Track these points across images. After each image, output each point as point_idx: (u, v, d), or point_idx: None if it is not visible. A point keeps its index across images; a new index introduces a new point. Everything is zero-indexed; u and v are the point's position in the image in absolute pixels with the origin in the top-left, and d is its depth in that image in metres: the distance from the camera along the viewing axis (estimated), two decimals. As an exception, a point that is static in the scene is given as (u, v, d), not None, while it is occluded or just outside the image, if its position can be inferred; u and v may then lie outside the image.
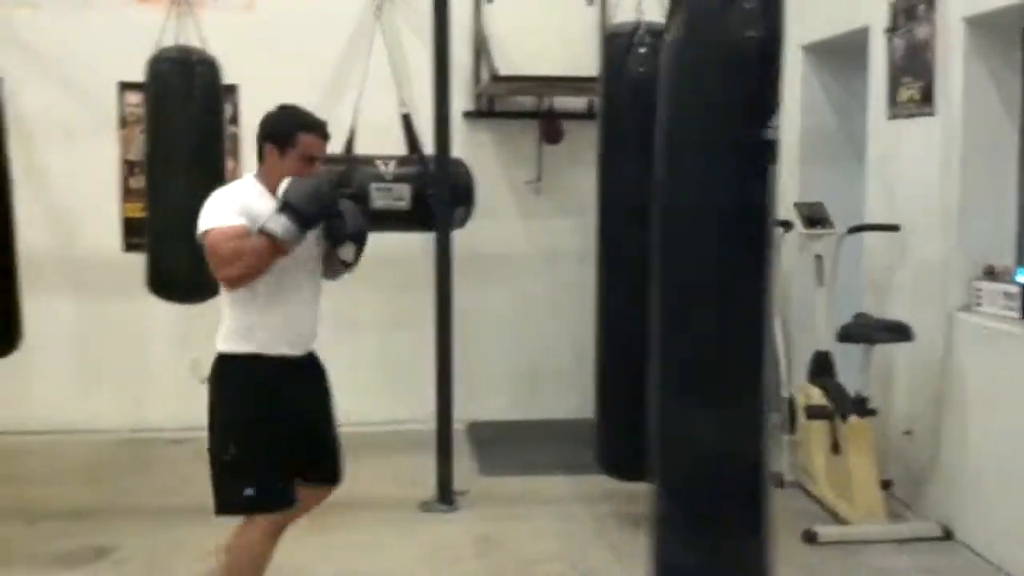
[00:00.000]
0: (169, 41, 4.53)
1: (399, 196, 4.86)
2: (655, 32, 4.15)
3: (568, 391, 5.69)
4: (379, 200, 4.82)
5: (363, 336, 5.82)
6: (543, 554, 3.99)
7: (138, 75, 4.55)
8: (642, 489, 4.48)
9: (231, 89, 5.27)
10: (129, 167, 5.59)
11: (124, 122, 5.60)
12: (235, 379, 3.08)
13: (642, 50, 4.12)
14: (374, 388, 5.77)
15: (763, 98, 2.57)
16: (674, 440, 2.75)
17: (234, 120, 5.57)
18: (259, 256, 2.87)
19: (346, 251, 3.13)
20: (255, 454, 3.02)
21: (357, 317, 5.78)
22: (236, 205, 2.96)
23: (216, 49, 4.55)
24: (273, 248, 2.86)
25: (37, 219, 5.46)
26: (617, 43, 4.24)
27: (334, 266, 3.20)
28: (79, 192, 5.61)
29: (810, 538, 4.14)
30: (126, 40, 4.92)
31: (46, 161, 5.57)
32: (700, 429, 2.67)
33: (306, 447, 3.16)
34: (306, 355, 3.17)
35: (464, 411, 5.13)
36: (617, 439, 4.10)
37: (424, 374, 4.64)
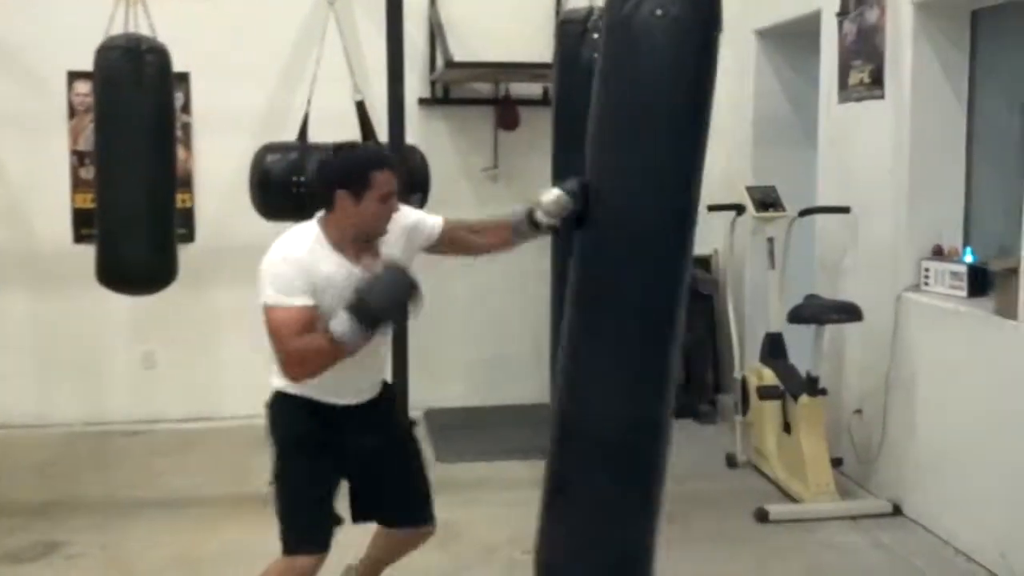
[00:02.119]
0: (118, 29, 4.46)
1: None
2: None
3: (525, 377, 5.71)
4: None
5: (320, 325, 5.79)
6: (502, 539, 4.01)
7: (87, 64, 4.48)
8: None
9: (183, 77, 5.22)
10: (79, 157, 5.52)
11: (73, 112, 5.53)
12: (285, 419, 2.97)
13: (596, 35, 4.13)
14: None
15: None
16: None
17: (186, 109, 5.52)
18: (325, 359, 2.68)
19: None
20: (298, 492, 2.94)
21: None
22: (303, 275, 2.71)
23: (166, 36, 4.49)
24: (340, 351, 2.65)
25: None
26: (571, 29, 4.24)
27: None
28: (29, 183, 5.54)
29: (762, 516, 4.20)
30: (75, 29, 4.84)
31: (-4, 152, 5.50)
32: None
33: (366, 489, 3.06)
34: (369, 401, 3.00)
35: (421, 398, 5.14)
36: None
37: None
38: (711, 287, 5.89)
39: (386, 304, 2.66)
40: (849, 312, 4.36)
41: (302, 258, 2.75)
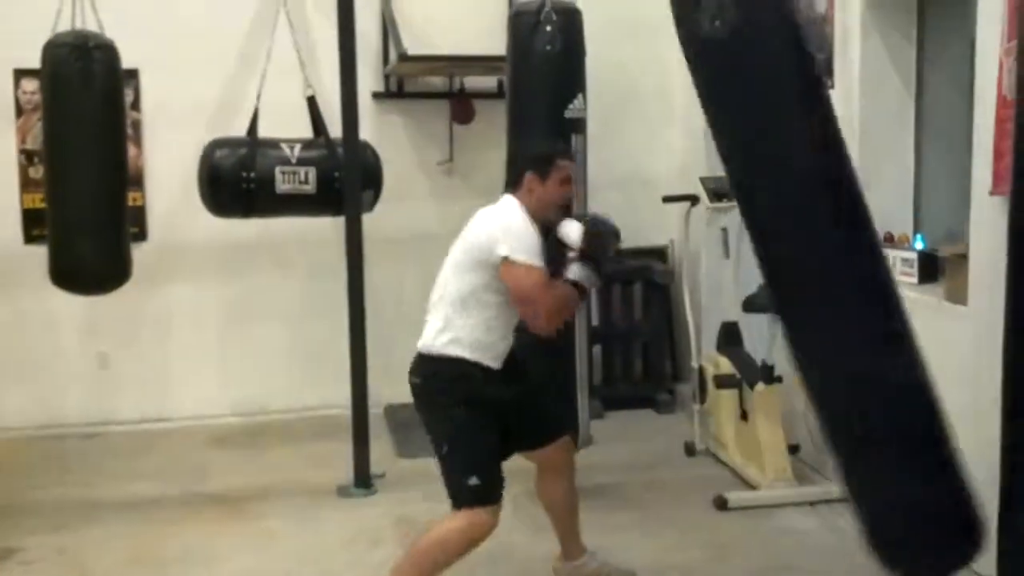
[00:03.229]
0: (65, 26, 4.39)
1: (304, 179, 4.82)
2: (561, 10, 4.19)
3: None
4: (284, 184, 4.78)
5: (277, 322, 5.75)
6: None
7: (34, 61, 4.41)
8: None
9: (132, 73, 5.15)
10: (28, 157, 5.42)
11: (21, 110, 5.43)
12: (454, 379, 3.16)
13: (548, 28, 4.15)
14: (289, 375, 5.73)
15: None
16: None
17: (135, 105, 5.44)
18: (572, 306, 3.20)
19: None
20: (474, 448, 3.13)
21: (270, 303, 5.71)
22: (535, 240, 3.11)
23: (115, 32, 4.43)
24: (580, 297, 3.16)
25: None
26: (524, 21, 4.25)
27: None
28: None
29: (721, 504, 4.24)
30: (20, 25, 4.76)
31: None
32: None
33: (520, 424, 3.28)
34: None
35: (381, 394, 5.12)
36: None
37: (339, 359, 4.62)
38: (667, 277, 5.93)
39: (606, 250, 3.19)
40: (803, 300, 4.40)
41: (529, 224, 3.15)
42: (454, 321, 3.15)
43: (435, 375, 3.18)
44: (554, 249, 3.20)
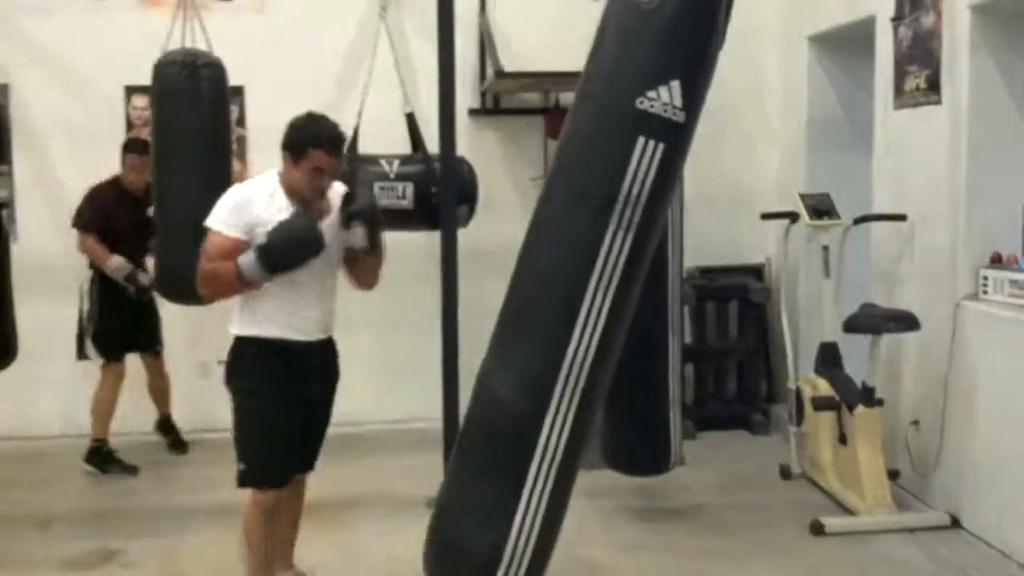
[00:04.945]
0: (175, 44, 4.54)
1: (402, 195, 4.88)
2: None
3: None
4: (383, 199, 4.85)
5: (370, 334, 5.82)
6: (552, 548, 4.00)
7: (145, 79, 4.57)
8: (648, 483, 4.54)
9: (237, 91, 5.29)
10: (137, 170, 5.60)
11: (131, 126, 5.63)
12: (241, 361, 3.27)
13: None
14: (380, 386, 5.79)
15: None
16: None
17: (240, 122, 5.59)
18: (228, 286, 3.15)
19: (355, 235, 3.24)
20: (252, 431, 3.25)
21: (363, 315, 5.75)
22: (237, 207, 3.18)
23: (221, 51, 4.56)
24: (242, 282, 3.11)
25: (47, 224, 5.51)
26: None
27: (352, 259, 3.35)
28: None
29: (818, 529, 4.14)
30: (132, 43, 4.95)
31: (54, 165, 5.61)
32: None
33: (301, 433, 3.34)
34: (319, 343, 3.32)
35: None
36: (622, 433, 4.13)
37: (430, 371, 4.65)
38: (764, 296, 5.83)
39: (286, 251, 3.08)
40: (906, 321, 4.29)
41: (247, 196, 3.21)
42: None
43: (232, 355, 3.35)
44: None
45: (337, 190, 3.35)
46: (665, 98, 2.50)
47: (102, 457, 5.08)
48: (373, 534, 4.23)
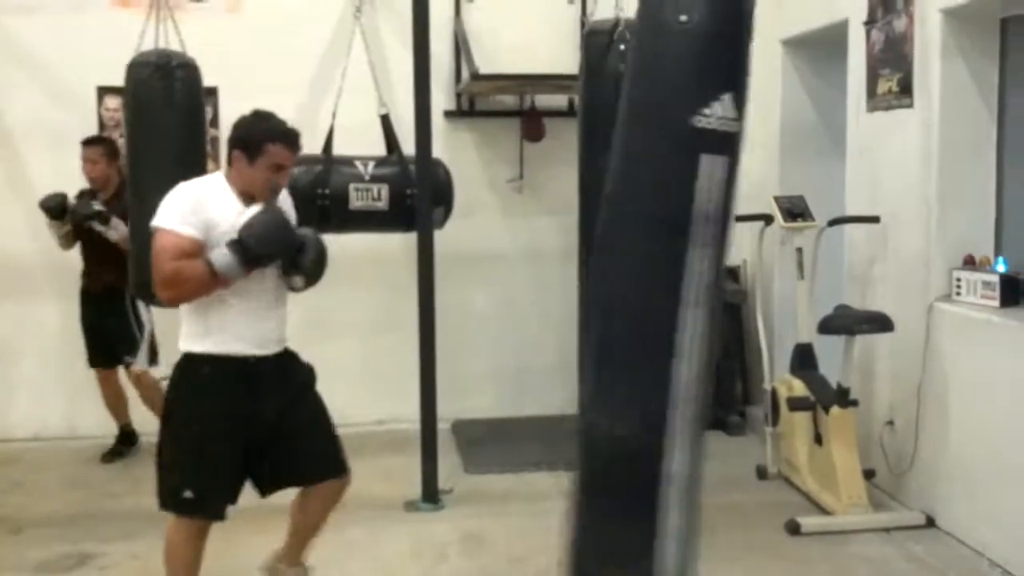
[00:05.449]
0: (149, 45, 4.51)
1: (377, 196, 4.87)
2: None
3: (552, 388, 5.71)
4: (358, 201, 4.84)
5: (346, 336, 5.81)
6: (529, 550, 4.00)
7: (117, 79, 4.53)
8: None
9: (211, 91, 5.26)
10: (109, 171, 5.55)
11: (103, 126, 5.58)
12: (187, 383, 3.09)
13: (622, 47, 4.14)
14: (358, 388, 5.76)
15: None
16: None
17: (214, 123, 5.56)
18: (199, 284, 2.95)
19: (296, 281, 3.17)
20: (191, 456, 3.07)
21: (340, 317, 5.77)
22: (192, 208, 2.99)
23: (195, 52, 4.54)
24: (214, 280, 2.94)
25: (19, 225, 5.45)
26: (597, 40, 4.26)
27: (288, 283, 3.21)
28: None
29: (794, 529, 4.16)
30: (105, 44, 4.91)
31: (26, 166, 5.56)
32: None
33: (270, 452, 3.15)
34: (275, 356, 3.15)
35: (449, 410, 5.14)
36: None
37: (408, 373, 4.64)
38: (739, 298, 5.87)
39: (263, 243, 2.95)
40: (880, 322, 4.32)
41: (197, 193, 3.04)
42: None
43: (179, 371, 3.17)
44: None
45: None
46: (719, 112, 2.50)
47: None
48: (356, 536, 4.20)
